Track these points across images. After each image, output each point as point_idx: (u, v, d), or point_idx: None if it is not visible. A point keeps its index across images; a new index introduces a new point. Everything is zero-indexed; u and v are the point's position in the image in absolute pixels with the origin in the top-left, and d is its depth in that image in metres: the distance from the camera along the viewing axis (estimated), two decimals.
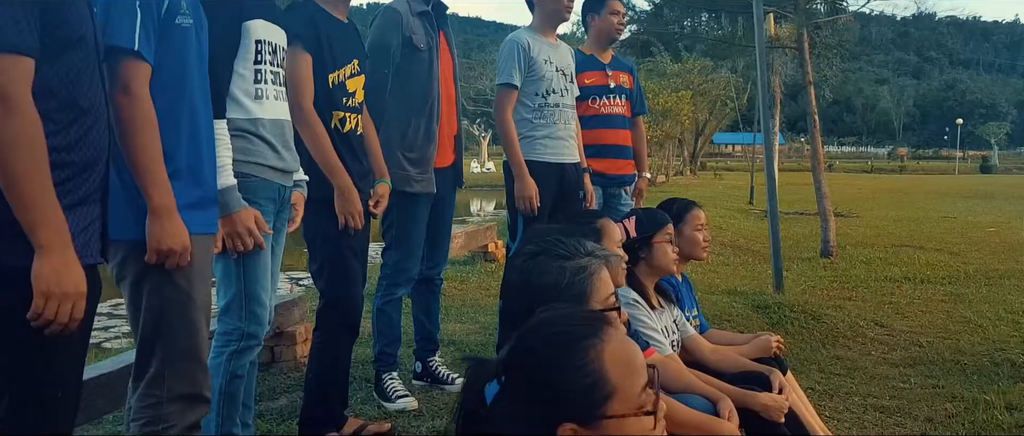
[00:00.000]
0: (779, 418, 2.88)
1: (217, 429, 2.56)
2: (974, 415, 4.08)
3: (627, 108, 4.63)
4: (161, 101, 2.04)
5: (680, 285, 3.49)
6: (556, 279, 1.78)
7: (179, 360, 2.07)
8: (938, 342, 5.63)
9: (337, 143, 2.97)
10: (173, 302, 2.07)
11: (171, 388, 2.05)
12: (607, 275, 1.84)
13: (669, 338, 3.04)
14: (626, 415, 1.24)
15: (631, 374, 1.26)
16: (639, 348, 1.32)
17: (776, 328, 5.45)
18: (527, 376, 1.27)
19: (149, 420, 2.05)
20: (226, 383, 2.54)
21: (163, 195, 1.99)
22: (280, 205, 2.69)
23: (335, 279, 3.08)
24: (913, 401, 4.35)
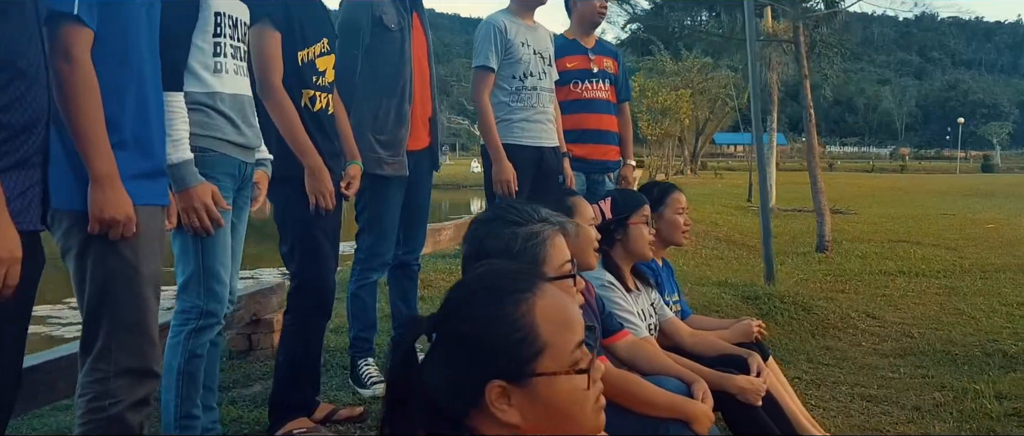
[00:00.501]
0: (756, 401, 2.82)
1: (176, 410, 2.50)
2: (962, 404, 4.02)
3: (611, 93, 4.55)
4: (105, 68, 1.97)
5: (660, 269, 3.44)
6: (507, 244, 1.72)
7: (126, 334, 2.00)
8: (930, 333, 5.57)
9: (307, 122, 2.90)
10: (118, 274, 2.00)
11: (118, 362, 1.99)
12: (562, 242, 1.78)
13: (646, 321, 2.99)
14: (557, 373, 1.18)
15: (564, 331, 1.20)
16: (575, 304, 1.25)
17: (765, 319, 5.34)
18: (456, 332, 1.21)
19: (96, 395, 1.98)
20: (185, 362, 2.48)
21: (104, 163, 1.93)
22: (241, 182, 2.63)
23: (306, 261, 3.01)
24: (901, 390, 4.28)
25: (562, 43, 4.43)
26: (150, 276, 2.06)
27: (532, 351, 1.17)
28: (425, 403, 1.21)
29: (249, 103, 2.63)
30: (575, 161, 4.34)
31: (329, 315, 3.17)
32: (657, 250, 3.34)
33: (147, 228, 2.06)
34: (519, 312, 1.18)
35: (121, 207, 1.96)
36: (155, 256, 2.10)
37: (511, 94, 3.91)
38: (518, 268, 1.29)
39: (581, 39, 4.52)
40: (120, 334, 2.00)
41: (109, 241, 1.98)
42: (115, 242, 1.99)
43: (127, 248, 2.01)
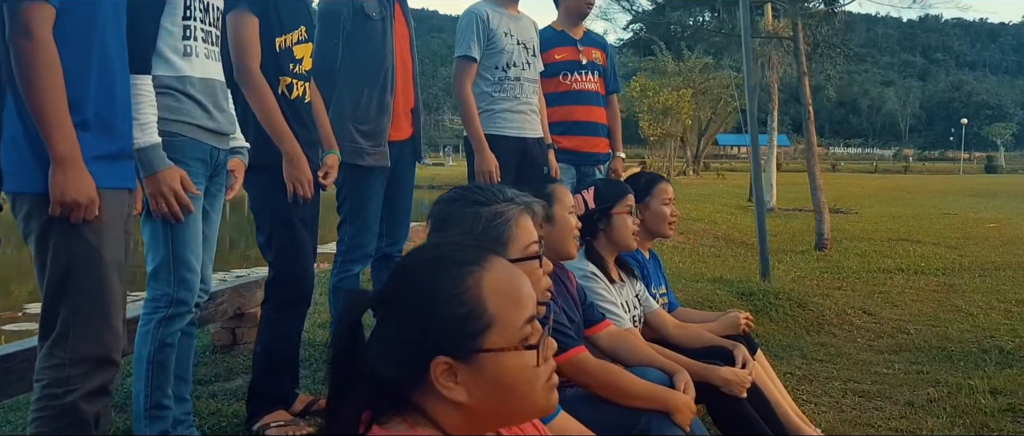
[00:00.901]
0: (740, 393, 2.76)
1: (146, 400, 2.45)
2: (957, 400, 3.96)
3: (600, 85, 4.48)
4: (67, 47, 1.93)
5: (647, 262, 3.39)
6: (471, 224, 1.67)
7: (85, 320, 1.95)
8: (926, 330, 5.51)
9: (284, 109, 2.86)
10: (80, 258, 1.95)
11: (75, 349, 1.94)
12: (528, 223, 1.73)
13: (630, 313, 2.94)
14: (505, 349, 1.12)
15: (513, 305, 1.14)
16: (526, 280, 1.20)
17: (759, 315, 5.32)
18: (401, 305, 1.15)
19: (51, 382, 1.93)
20: (155, 351, 2.43)
21: (65, 143, 1.88)
22: (213, 169, 2.58)
23: (283, 250, 2.96)
24: (895, 386, 4.22)
25: (550, 35, 4.38)
26: (113, 261, 2.01)
27: (478, 326, 1.12)
28: (371, 382, 1.16)
29: (221, 88, 2.58)
30: (565, 153, 4.29)
31: (307, 305, 3.12)
32: (643, 241, 3.29)
33: (111, 212, 2.01)
34: (465, 285, 1.13)
35: (83, 189, 1.91)
36: (119, 241, 2.05)
37: (494, 84, 3.86)
38: (467, 241, 1.23)
39: (569, 30, 4.45)
40: (79, 320, 1.95)
41: (71, 224, 1.93)
42: (77, 225, 1.94)
43: (89, 232, 1.96)
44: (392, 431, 1.13)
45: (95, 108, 2.00)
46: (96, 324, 1.97)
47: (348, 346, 1.17)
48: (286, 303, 3.02)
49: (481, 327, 1.12)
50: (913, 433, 3.58)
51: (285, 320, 3.03)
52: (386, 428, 1.14)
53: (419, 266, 1.18)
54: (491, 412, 1.15)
